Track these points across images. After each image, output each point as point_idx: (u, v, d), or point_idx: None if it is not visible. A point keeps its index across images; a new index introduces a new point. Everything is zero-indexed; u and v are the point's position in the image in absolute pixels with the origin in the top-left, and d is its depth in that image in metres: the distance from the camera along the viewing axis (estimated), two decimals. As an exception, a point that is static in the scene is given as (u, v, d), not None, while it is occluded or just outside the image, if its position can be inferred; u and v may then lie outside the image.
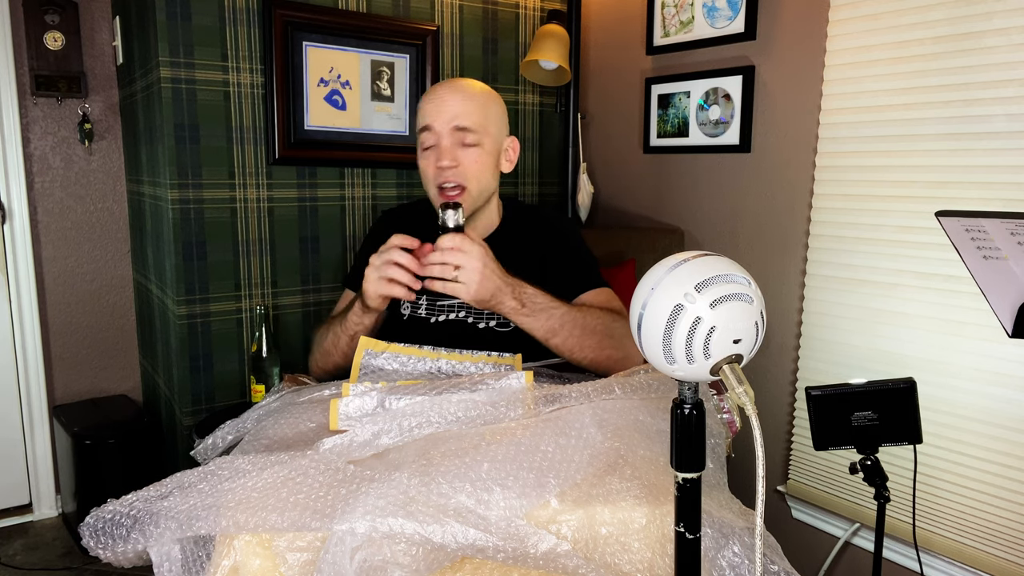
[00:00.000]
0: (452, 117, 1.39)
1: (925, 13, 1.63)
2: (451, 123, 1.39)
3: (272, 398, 1.36)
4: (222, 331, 1.99)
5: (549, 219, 1.58)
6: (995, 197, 1.55)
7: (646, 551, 0.98)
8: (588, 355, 1.35)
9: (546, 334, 1.32)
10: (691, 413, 0.80)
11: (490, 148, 1.43)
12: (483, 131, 1.41)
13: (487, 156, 1.42)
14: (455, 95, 1.40)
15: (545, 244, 1.51)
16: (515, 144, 1.50)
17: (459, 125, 1.39)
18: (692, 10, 2.13)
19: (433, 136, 1.40)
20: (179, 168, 1.88)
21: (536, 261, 1.47)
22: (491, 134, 1.43)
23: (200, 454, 1.32)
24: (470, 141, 1.39)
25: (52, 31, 2.37)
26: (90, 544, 1.01)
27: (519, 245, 1.49)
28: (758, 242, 2.05)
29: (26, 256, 2.44)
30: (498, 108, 1.46)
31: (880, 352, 1.78)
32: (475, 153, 1.40)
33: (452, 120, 1.39)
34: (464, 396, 1.11)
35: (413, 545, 0.90)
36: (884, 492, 1.33)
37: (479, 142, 1.40)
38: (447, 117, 1.39)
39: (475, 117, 1.40)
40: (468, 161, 1.40)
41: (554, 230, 1.54)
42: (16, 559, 2.29)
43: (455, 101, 1.40)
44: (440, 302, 1.50)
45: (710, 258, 0.77)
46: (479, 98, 1.42)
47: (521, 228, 1.53)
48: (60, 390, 2.55)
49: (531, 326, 1.32)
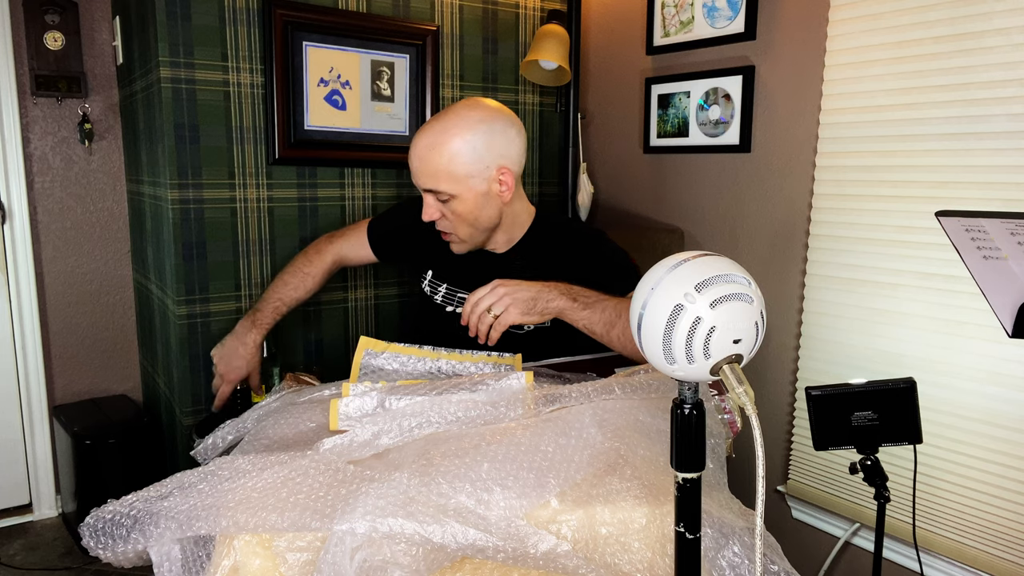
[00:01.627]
0: (421, 179, 1.43)
1: (925, 13, 1.63)
2: (424, 184, 1.43)
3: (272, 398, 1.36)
4: (222, 331, 1.99)
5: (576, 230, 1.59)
6: (995, 197, 1.55)
7: (646, 551, 0.98)
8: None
9: (605, 327, 1.29)
10: (691, 413, 0.80)
11: (467, 196, 1.41)
12: (453, 186, 1.40)
13: (465, 204, 1.42)
14: (423, 160, 1.41)
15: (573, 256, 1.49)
16: (506, 174, 1.43)
17: (427, 188, 1.42)
18: (692, 10, 2.13)
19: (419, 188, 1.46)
20: (179, 168, 1.88)
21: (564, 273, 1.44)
22: (463, 183, 1.40)
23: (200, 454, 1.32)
24: (443, 199, 1.42)
25: (52, 31, 2.37)
26: (90, 544, 1.01)
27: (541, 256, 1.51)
28: (758, 242, 2.05)
29: (26, 256, 2.44)
30: (471, 153, 1.39)
31: (880, 352, 1.78)
32: (452, 206, 1.42)
33: (422, 181, 1.43)
34: (464, 396, 1.11)
35: (413, 545, 0.90)
36: (884, 492, 1.33)
37: (453, 195, 1.40)
38: (418, 177, 1.43)
39: (440, 178, 1.39)
40: (449, 214, 1.44)
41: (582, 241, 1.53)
42: (16, 559, 2.29)
43: (422, 165, 1.41)
44: (458, 293, 1.55)
45: (710, 258, 0.77)
46: (442, 155, 1.38)
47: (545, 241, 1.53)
48: (60, 390, 2.55)
49: (589, 320, 1.29)
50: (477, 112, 1.42)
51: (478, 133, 1.40)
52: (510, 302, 1.26)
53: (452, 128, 1.40)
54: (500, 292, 1.27)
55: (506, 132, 1.43)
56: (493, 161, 1.42)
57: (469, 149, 1.39)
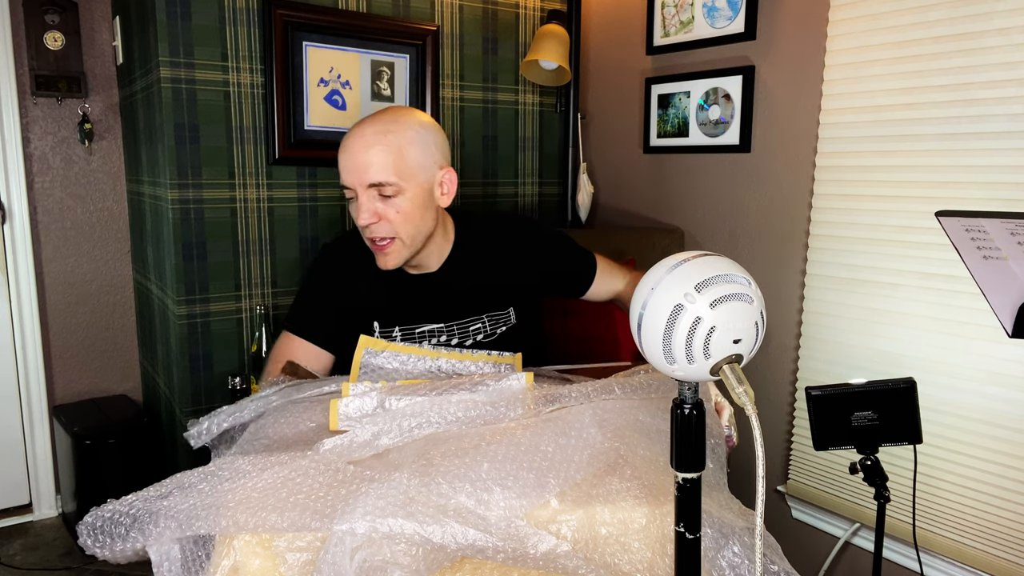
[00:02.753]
0: (363, 172, 1.30)
1: (925, 13, 1.63)
2: (364, 179, 1.30)
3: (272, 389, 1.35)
4: (222, 331, 1.99)
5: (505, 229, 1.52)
6: (995, 197, 1.55)
7: (646, 551, 0.98)
8: None
9: None
10: (691, 413, 0.80)
11: (415, 192, 1.33)
12: (402, 178, 1.31)
13: (412, 201, 1.33)
14: (364, 150, 1.30)
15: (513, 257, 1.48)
16: (450, 176, 1.38)
17: (372, 182, 1.30)
18: (692, 10, 2.13)
19: (352, 192, 1.33)
20: (179, 168, 1.88)
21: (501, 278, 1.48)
22: (413, 177, 1.32)
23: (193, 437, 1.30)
24: (388, 193, 1.31)
25: (52, 31, 2.37)
26: (87, 543, 1.01)
27: (478, 265, 1.47)
28: (758, 242, 2.05)
29: (26, 256, 2.44)
30: (421, 146, 1.33)
31: (880, 352, 1.78)
32: (397, 203, 1.32)
33: (364, 175, 1.30)
34: (464, 396, 1.11)
35: (413, 545, 0.90)
36: (884, 492, 1.33)
37: (399, 191, 1.31)
38: (357, 172, 1.31)
39: (386, 166, 1.30)
40: (391, 213, 1.32)
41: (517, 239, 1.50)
42: (16, 559, 2.29)
43: (363, 155, 1.30)
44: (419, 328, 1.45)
45: (710, 258, 0.77)
46: (392, 145, 1.30)
47: (477, 247, 1.47)
48: (60, 390, 2.55)
49: None
50: (416, 113, 1.38)
51: (427, 129, 1.35)
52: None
53: (403, 120, 1.33)
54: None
55: (443, 134, 1.40)
56: (439, 159, 1.37)
57: (420, 142, 1.33)
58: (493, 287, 1.48)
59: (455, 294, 1.45)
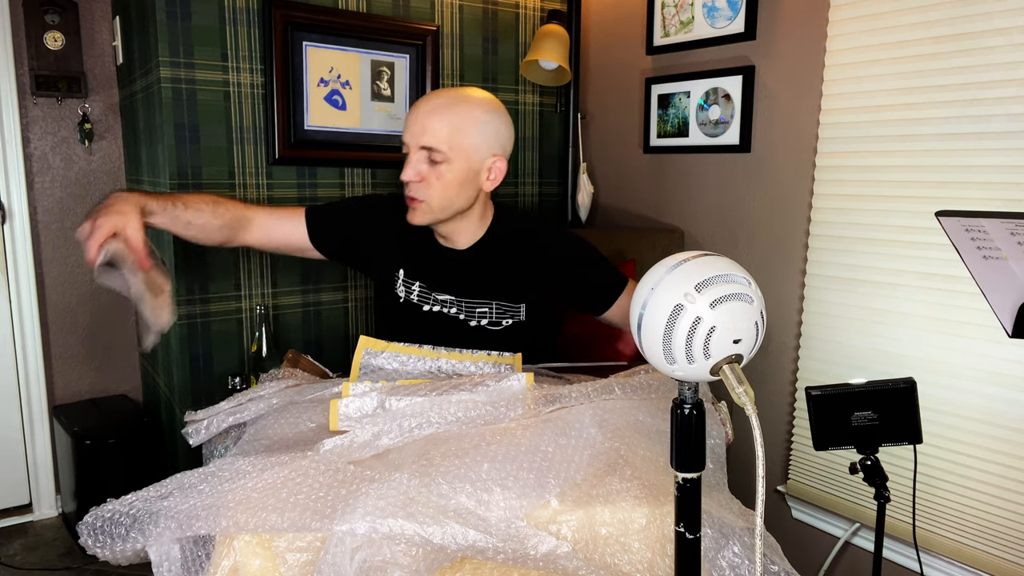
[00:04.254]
0: (420, 133, 1.40)
1: (925, 13, 1.63)
2: (419, 140, 1.40)
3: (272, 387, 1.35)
4: (222, 331, 1.99)
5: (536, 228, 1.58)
6: (995, 197, 1.55)
7: (646, 551, 0.98)
8: None
9: None
10: (691, 413, 0.80)
11: (460, 167, 1.41)
12: (452, 151, 1.40)
13: (454, 175, 1.41)
14: (431, 114, 1.40)
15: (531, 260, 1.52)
16: (500, 164, 1.47)
17: (424, 144, 1.40)
18: (692, 10, 2.13)
19: (406, 148, 1.43)
20: (179, 168, 1.88)
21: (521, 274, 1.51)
22: (463, 153, 1.41)
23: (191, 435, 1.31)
24: (436, 159, 1.40)
25: (52, 31, 2.37)
26: (87, 543, 1.01)
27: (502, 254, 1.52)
28: (758, 242, 2.05)
29: (26, 256, 2.44)
30: (481, 129, 1.42)
31: (880, 352, 1.78)
32: (441, 170, 1.40)
33: (419, 137, 1.40)
34: (464, 396, 1.11)
35: (413, 546, 0.90)
36: (884, 492, 1.33)
37: (446, 160, 1.39)
38: (416, 131, 1.41)
39: (442, 135, 1.39)
40: (432, 178, 1.41)
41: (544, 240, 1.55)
42: (16, 559, 2.29)
43: (428, 119, 1.40)
44: (435, 293, 1.53)
45: (710, 258, 0.77)
46: (453, 117, 1.40)
47: (506, 238, 1.54)
48: (60, 390, 2.55)
49: None
50: (492, 100, 1.47)
51: (494, 114, 1.45)
52: None
53: (474, 99, 1.44)
54: None
55: (510, 128, 1.49)
56: (495, 147, 1.45)
57: (482, 125, 1.42)
58: (509, 279, 1.51)
59: (473, 274, 1.51)
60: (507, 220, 1.56)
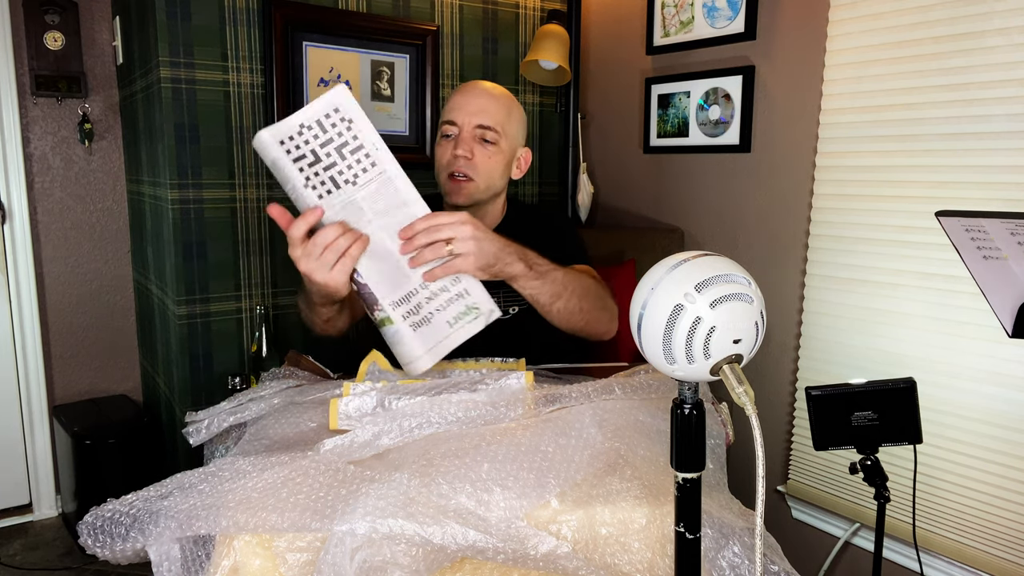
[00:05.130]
0: (477, 112, 1.45)
1: (925, 13, 1.63)
2: (475, 119, 1.45)
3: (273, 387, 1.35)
4: (222, 331, 1.99)
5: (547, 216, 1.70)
6: (995, 197, 1.55)
7: (646, 551, 0.98)
8: (583, 318, 1.36)
9: (551, 298, 1.30)
10: (691, 413, 0.80)
11: (505, 150, 1.49)
12: (502, 133, 1.47)
13: (501, 156, 1.48)
14: (484, 94, 1.48)
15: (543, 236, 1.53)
16: (528, 155, 1.56)
17: (482, 123, 1.45)
18: (692, 10, 2.13)
19: (455, 128, 1.46)
20: (179, 168, 1.88)
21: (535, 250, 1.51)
22: (509, 138, 1.49)
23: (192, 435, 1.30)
24: (489, 139, 1.46)
25: (52, 31, 2.37)
26: (87, 542, 1.01)
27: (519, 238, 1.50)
28: (758, 242, 2.05)
29: (26, 256, 2.44)
30: (520, 117, 1.53)
31: (880, 352, 1.78)
32: (491, 151, 1.47)
33: (476, 116, 1.45)
34: (464, 396, 1.11)
35: (413, 546, 0.90)
36: (884, 492, 1.33)
37: (496, 141, 1.46)
38: (472, 111, 1.45)
39: (498, 117, 1.46)
40: (482, 157, 1.46)
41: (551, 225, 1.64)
42: (16, 559, 2.29)
43: (483, 100, 1.47)
44: None
45: (710, 258, 0.77)
46: (504, 102, 1.49)
47: (522, 224, 1.58)
48: (60, 390, 2.55)
49: (538, 291, 1.28)
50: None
51: (523, 114, 1.55)
52: (474, 245, 1.14)
53: (511, 96, 1.53)
54: (468, 231, 1.14)
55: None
56: (523, 139, 1.55)
57: (521, 120, 1.53)
58: None
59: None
60: (517, 209, 1.63)
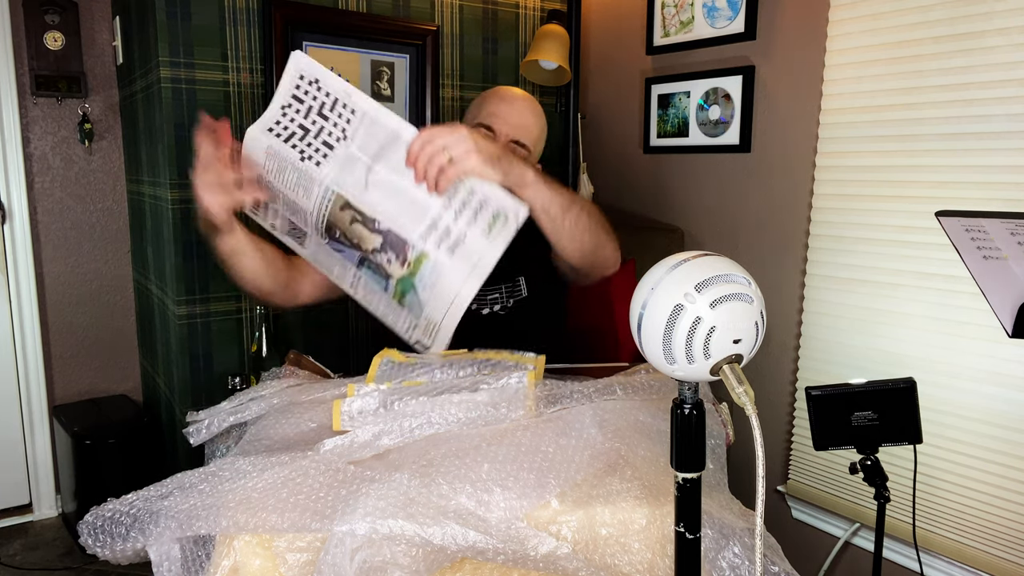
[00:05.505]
0: (517, 127, 1.41)
1: (925, 13, 1.63)
2: (514, 134, 1.41)
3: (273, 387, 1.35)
4: (222, 331, 1.99)
5: None
6: (995, 197, 1.55)
7: (646, 552, 0.98)
8: (593, 239, 1.32)
9: (562, 210, 1.23)
10: (691, 413, 0.80)
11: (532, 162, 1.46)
12: (532, 152, 1.45)
13: None
14: (527, 111, 1.43)
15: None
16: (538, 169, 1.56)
17: (519, 139, 1.41)
18: (692, 10, 2.13)
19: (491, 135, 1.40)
20: (179, 168, 1.88)
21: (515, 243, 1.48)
22: (534, 156, 1.47)
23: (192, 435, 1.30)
24: (521, 155, 1.40)
25: (52, 31, 2.37)
26: (88, 542, 1.01)
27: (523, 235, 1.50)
28: (758, 242, 2.05)
29: (26, 256, 2.44)
30: (545, 136, 1.51)
31: (880, 352, 1.78)
32: None
33: (516, 131, 1.41)
34: (465, 397, 1.11)
35: (413, 546, 0.90)
36: (884, 492, 1.33)
37: (526, 158, 1.40)
38: (514, 123, 1.41)
39: (533, 137, 1.44)
40: None
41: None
42: (16, 559, 2.29)
43: (526, 117, 1.42)
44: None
45: (710, 258, 0.77)
46: (542, 123, 1.47)
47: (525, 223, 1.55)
48: (60, 390, 2.55)
49: (549, 200, 1.21)
50: None
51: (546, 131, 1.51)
52: (472, 148, 1.08)
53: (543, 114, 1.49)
54: (461, 132, 1.09)
55: None
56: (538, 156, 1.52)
57: (545, 135, 1.50)
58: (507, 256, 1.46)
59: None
60: None
